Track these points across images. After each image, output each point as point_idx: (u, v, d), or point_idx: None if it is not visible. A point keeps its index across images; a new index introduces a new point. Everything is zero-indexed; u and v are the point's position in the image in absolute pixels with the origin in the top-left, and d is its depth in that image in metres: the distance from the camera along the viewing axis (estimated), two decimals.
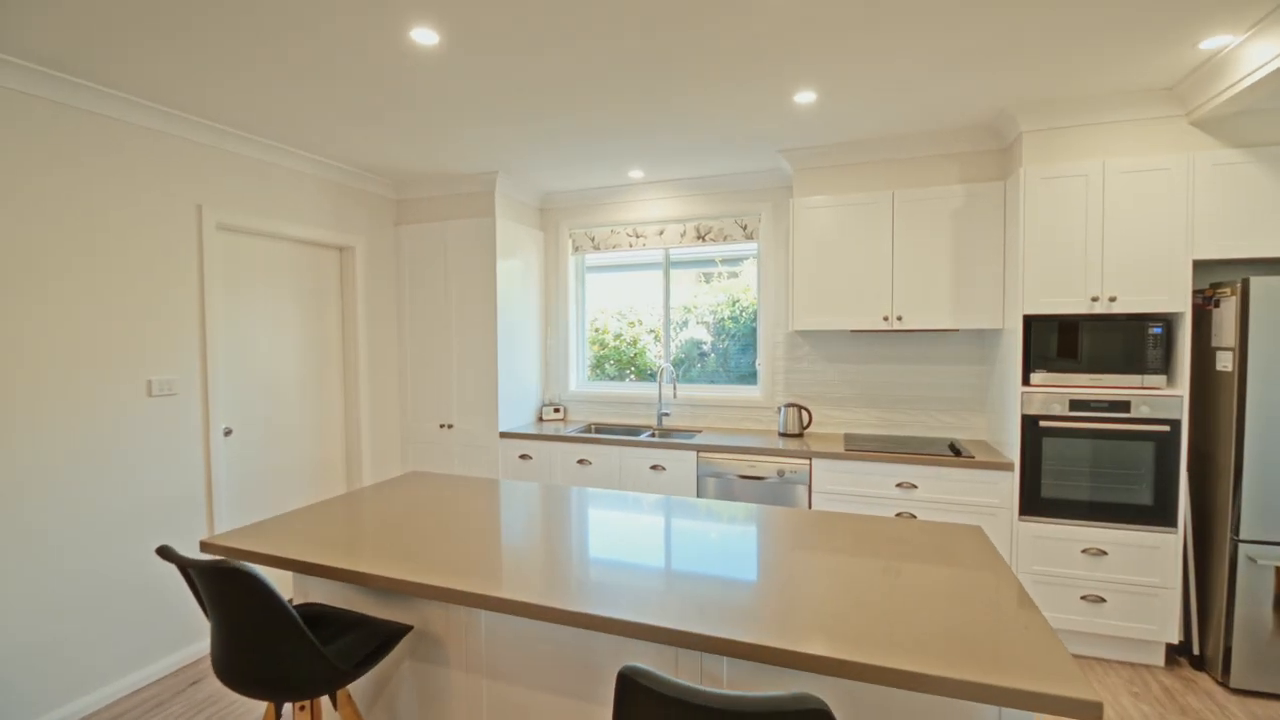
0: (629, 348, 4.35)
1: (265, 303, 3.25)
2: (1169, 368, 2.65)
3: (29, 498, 2.26)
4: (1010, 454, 2.84)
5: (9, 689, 2.20)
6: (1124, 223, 2.62)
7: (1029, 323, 2.80)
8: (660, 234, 4.05)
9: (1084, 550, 2.67)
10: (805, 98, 2.59)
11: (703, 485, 3.33)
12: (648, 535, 1.78)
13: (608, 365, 4.41)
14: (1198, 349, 2.69)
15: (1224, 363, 2.53)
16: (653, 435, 3.83)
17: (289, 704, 2.20)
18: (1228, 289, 2.50)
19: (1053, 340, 2.75)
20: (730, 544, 1.71)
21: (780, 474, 3.15)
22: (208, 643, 2.87)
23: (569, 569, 1.52)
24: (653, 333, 4.26)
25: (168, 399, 2.71)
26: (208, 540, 1.72)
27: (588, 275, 4.43)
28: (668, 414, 4.04)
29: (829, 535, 1.77)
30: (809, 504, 3.11)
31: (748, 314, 4.01)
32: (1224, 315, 2.52)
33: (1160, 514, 2.59)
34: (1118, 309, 2.63)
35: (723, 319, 4.09)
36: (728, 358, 4.08)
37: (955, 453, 2.96)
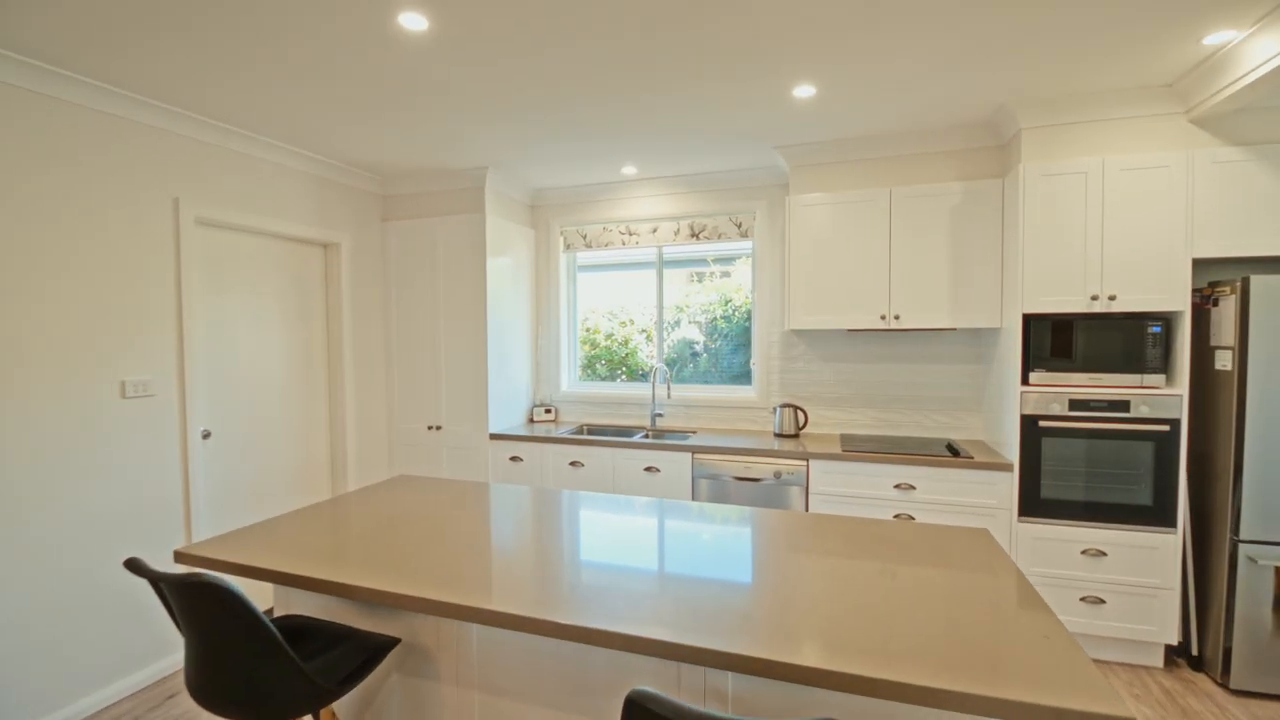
0: (620, 348, 4.28)
1: (247, 300, 3.13)
2: (1168, 367, 2.63)
3: None
4: (1008, 454, 2.81)
5: None
6: (1123, 220, 2.59)
7: (1028, 321, 2.78)
8: (654, 231, 3.98)
9: (1083, 551, 2.65)
10: (804, 92, 2.54)
11: (698, 488, 3.26)
12: (644, 540, 1.72)
13: (599, 365, 4.34)
14: (1197, 348, 2.67)
15: (1223, 362, 2.51)
16: (646, 436, 3.76)
17: None
18: (1227, 288, 2.48)
19: (1052, 339, 2.73)
20: (729, 547, 1.64)
21: (777, 475, 3.10)
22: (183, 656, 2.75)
23: (563, 577, 1.45)
24: (644, 332, 4.19)
25: (143, 400, 2.59)
26: (182, 550, 1.63)
27: (579, 275, 4.35)
28: (661, 415, 3.97)
29: (829, 539, 1.72)
30: (806, 506, 3.06)
31: (740, 314, 3.95)
32: (1223, 314, 2.51)
33: (1160, 514, 2.57)
34: (1117, 307, 2.61)
35: (715, 319, 4.04)
36: (720, 358, 4.02)
37: (953, 453, 2.93)
